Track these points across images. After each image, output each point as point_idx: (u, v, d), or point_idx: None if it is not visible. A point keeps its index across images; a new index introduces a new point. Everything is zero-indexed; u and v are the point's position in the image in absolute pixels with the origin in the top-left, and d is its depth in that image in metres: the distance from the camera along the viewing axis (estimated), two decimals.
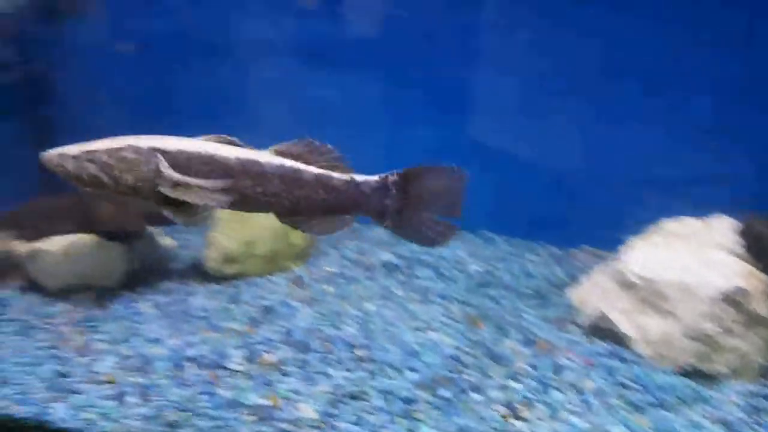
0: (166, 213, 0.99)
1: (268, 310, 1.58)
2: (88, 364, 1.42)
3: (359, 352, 1.39)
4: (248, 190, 0.98)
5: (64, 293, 1.71)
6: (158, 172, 0.95)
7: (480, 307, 1.56)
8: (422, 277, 1.70)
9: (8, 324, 1.61)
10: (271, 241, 1.73)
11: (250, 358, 1.40)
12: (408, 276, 1.71)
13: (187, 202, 0.99)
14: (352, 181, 0.99)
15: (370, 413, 1.22)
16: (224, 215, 1.73)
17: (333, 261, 1.82)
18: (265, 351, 1.42)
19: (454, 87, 1.89)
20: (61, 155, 0.96)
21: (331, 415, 1.22)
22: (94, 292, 1.69)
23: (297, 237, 1.79)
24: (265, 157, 0.99)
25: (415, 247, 1.87)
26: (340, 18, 1.90)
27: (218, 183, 0.96)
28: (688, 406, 1.19)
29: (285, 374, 1.34)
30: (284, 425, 1.20)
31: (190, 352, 1.42)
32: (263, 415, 1.24)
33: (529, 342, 1.40)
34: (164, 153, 0.96)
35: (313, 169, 0.99)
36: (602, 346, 1.39)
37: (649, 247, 1.36)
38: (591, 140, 1.77)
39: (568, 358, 1.34)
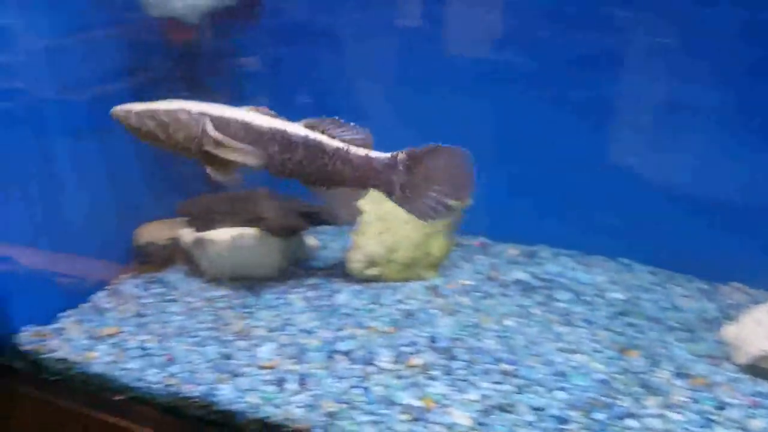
0: (209, 170, 1.17)
1: (408, 314, 1.65)
2: (248, 349, 1.55)
3: (504, 366, 1.41)
4: (276, 156, 1.12)
5: (220, 279, 1.87)
6: (204, 132, 1.12)
7: (626, 335, 1.54)
8: (561, 300, 1.69)
9: (173, 304, 1.78)
10: (411, 249, 1.79)
11: (397, 359, 1.47)
12: (546, 297, 1.71)
13: (226, 164, 1.16)
14: (366, 157, 1.12)
15: (522, 427, 1.25)
16: (368, 219, 1.83)
17: (467, 274, 1.85)
18: (410, 353, 1.48)
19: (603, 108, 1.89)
20: (127, 111, 1.16)
21: (483, 425, 1.25)
22: (249, 281, 1.85)
23: (435, 248, 1.84)
24: (294, 128, 1.15)
25: (552, 268, 1.90)
26: None
27: (250, 147, 1.13)
28: None
29: (432, 378, 1.40)
30: (439, 428, 1.25)
31: (341, 346, 1.52)
32: (417, 415, 1.29)
33: (683, 375, 1.36)
34: (210, 117, 1.13)
35: (335, 143, 1.11)
36: (766, 386, 1.33)
37: None
38: (749, 170, 1.71)
39: (731, 395, 1.30)
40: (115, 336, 1.63)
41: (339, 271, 1.92)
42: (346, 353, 1.49)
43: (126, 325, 1.68)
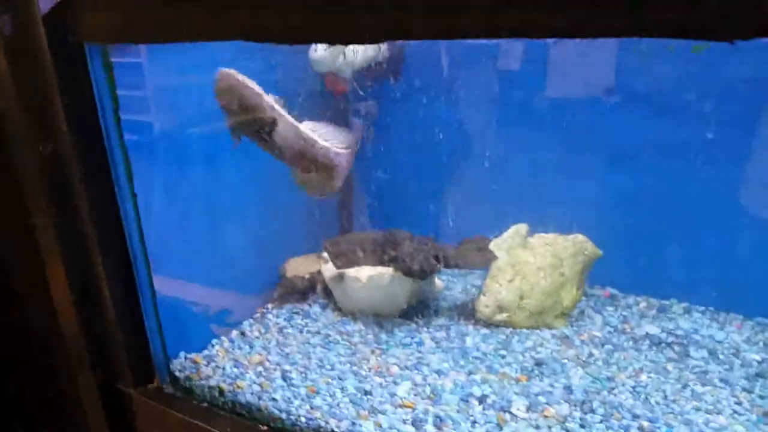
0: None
1: (539, 363, 1.69)
2: (386, 386, 1.65)
3: (643, 423, 1.42)
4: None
5: (354, 314, 2.01)
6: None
7: (766, 398, 1.50)
8: (695, 358, 1.67)
9: (314, 336, 1.94)
10: (542, 298, 1.84)
11: (532, 407, 1.51)
12: (679, 354, 1.70)
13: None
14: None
15: None
16: (501, 266, 1.90)
17: (597, 326, 1.87)
18: (545, 403, 1.53)
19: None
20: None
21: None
22: (380, 317, 1.98)
23: (565, 297, 1.88)
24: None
25: (684, 324, 1.88)
26: None
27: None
28: None
29: (568, 430, 1.44)
30: None
31: (475, 391, 1.59)
32: None
33: None
34: None
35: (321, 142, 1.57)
36: None
37: None
38: None
39: None
40: (261, 364, 1.78)
41: (465, 312, 2.01)
42: (480, 398, 1.56)
43: (271, 354, 1.84)
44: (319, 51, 1.90)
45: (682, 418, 1.43)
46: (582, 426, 1.44)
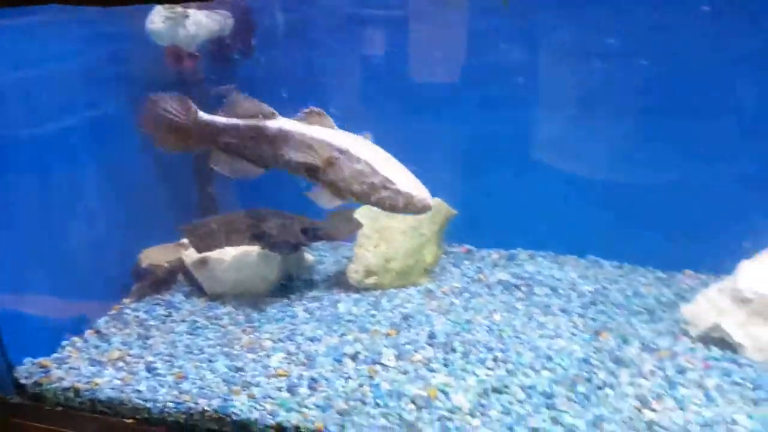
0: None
1: (406, 317, 1.79)
2: (259, 360, 1.66)
3: (497, 354, 1.57)
4: None
5: (223, 297, 1.98)
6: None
7: (598, 320, 1.73)
8: (540, 295, 1.88)
9: (180, 324, 1.88)
10: (405, 258, 1.96)
11: (400, 356, 1.61)
12: (526, 294, 1.89)
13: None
14: None
15: (516, 405, 1.40)
16: (366, 233, 1.98)
17: (456, 278, 2.03)
18: (413, 350, 1.63)
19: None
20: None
21: (482, 405, 1.41)
22: (251, 297, 1.97)
23: (427, 255, 2.01)
24: None
25: (529, 267, 2.11)
26: None
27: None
28: None
29: (433, 370, 1.54)
30: (443, 413, 1.40)
31: (348, 350, 1.65)
32: (423, 404, 1.44)
33: (649, 349, 1.56)
34: None
35: None
36: (717, 353, 1.55)
37: (763, 267, 1.53)
38: (696, 170, 1.94)
39: (688, 362, 1.50)
40: (121, 359, 1.70)
41: (337, 282, 2.07)
42: (353, 356, 1.63)
43: (132, 348, 1.76)
44: (156, 22, 1.82)
45: (530, 346, 1.61)
46: (445, 365, 1.56)
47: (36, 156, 1.79)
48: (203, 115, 1.39)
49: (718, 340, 1.57)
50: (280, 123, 1.36)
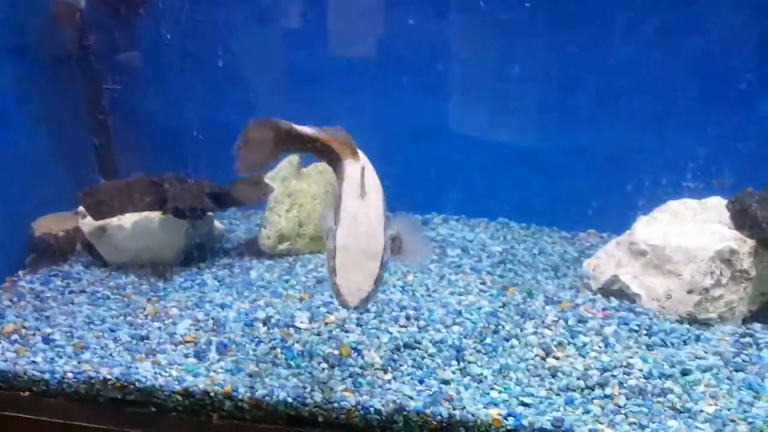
0: None
1: (320, 281, 1.78)
2: (164, 328, 1.60)
3: (410, 312, 1.59)
4: None
5: (126, 267, 1.88)
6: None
7: (506, 277, 1.80)
8: (451, 256, 1.93)
9: (79, 295, 1.77)
10: (318, 223, 1.93)
11: (314, 318, 1.60)
12: (439, 255, 1.94)
13: None
14: None
15: (427, 358, 1.43)
16: (278, 197, 1.94)
17: None
18: (327, 312, 1.62)
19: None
20: None
21: (394, 360, 1.42)
22: (156, 266, 1.87)
23: None
24: None
25: (442, 230, 2.16)
26: None
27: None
28: (690, 344, 1.45)
29: (347, 331, 1.54)
30: (355, 369, 1.40)
31: (260, 314, 1.61)
32: (335, 362, 1.43)
33: (553, 302, 1.63)
34: None
35: None
36: (615, 303, 1.64)
37: (657, 222, 1.63)
38: (593, 133, 2.05)
39: (588, 312, 1.58)
40: (16, 332, 1.58)
41: (249, 250, 2.02)
42: (265, 321, 1.59)
43: (27, 320, 1.64)
44: None
45: (441, 303, 1.64)
46: (358, 324, 1.56)
47: None
48: (298, 128, 1.36)
49: (616, 292, 1.67)
50: (349, 167, 1.32)
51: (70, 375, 1.42)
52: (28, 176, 1.91)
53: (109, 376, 1.41)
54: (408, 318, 1.58)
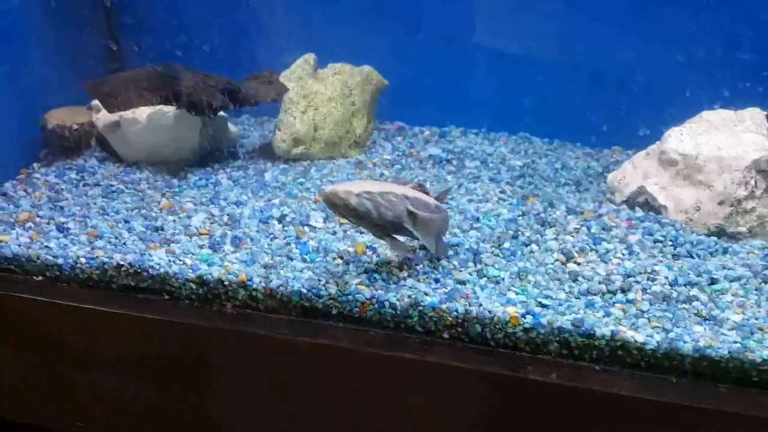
0: (391, 245, 1.31)
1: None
2: (179, 221, 1.59)
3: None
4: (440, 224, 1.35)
5: (140, 163, 1.86)
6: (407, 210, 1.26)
7: (526, 188, 1.75)
8: (470, 167, 1.87)
9: (93, 188, 1.76)
10: (335, 128, 1.88)
11: (329, 219, 1.57)
12: (457, 167, 1.88)
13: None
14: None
15: (443, 260, 1.40)
16: (293, 98, 1.87)
17: (387, 152, 1.99)
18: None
19: None
20: (347, 192, 1.19)
21: (409, 259, 1.40)
22: (169, 164, 1.85)
23: (357, 126, 1.95)
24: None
25: (460, 143, 2.09)
26: None
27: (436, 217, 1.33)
28: (717, 256, 1.41)
29: (362, 232, 1.51)
30: (370, 266, 1.39)
31: (274, 212, 1.59)
32: (350, 258, 1.42)
33: (575, 212, 1.59)
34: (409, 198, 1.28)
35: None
36: (641, 214, 1.59)
37: (689, 132, 1.55)
38: (625, 46, 1.93)
39: (612, 221, 1.53)
40: (30, 221, 1.59)
41: (263, 154, 1.98)
42: (280, 218, 1.57)
43: (42, 210, 1.64)
44: None
45: (458, 209, 1.61)
46: None
47: None
48: None
49: (642, 204, 1.62)
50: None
51: (83, 261, 1.43)
52: (40, 71, 1.87)
53: (122, 263, 1.41)
54: None
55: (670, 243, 1.44)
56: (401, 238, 1.33)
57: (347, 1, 2.04)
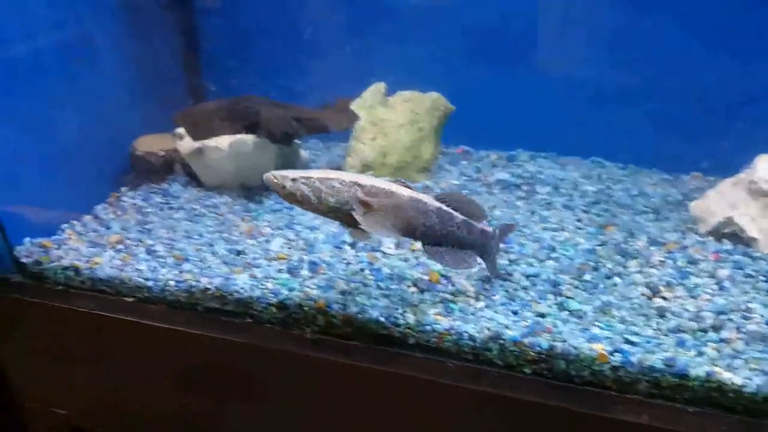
0: (350, 231, 1.33)
1: None
2: (258, 245, 1.64)
3: (499, 245, 1.55)
4: (413, 220, 1.30)
5: (220, 188, 1.93)
6: (354, 198, 1.26)
7: (602, 216, 1.71)
8: (541, 193, 1.85)
9: (177, 211, 1.84)
10: (403, 154, 1.90)
11: (401, 245, 1.59)
12: (527, 192, 1.86)
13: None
14: (485, 230, 1.38)
15: (520, 291, 1.39)
16: (363, 125, 1.92)
17: (454, 177, 1.99)
18: (412, 241, 1.59)
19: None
20: (282, 177, 1.25)
21: (485, 290, 1.40)
22: (248, 188, 1.92)
23: (424, 152, 1.96)
24: (428, 199, 1.34)
25: (530, 168, 2.06)
26: None
27: (385, 203, 1.28)
28: None
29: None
30: (446, 295, 1.39)
31: (347, 238, 1.62)
32: (425, 287, 1.43)
33: (657, 243, 1.54)
34: (361, 186, 1.27)
35: (460, 215, 1.35)
36: (728, 246, 1.53)
37: None
38: (699, 70, 1.86)
39: (698, 254, 1.48)
40: (120, 243, 1.67)
41: None
42: (352, 244, 1.60)
43: (131, 232, 1.73)
44: None
45: (533, 237, 1.59)
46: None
47: (31, 49, 1.69)
48: None
49: (729, 235, 1.55)
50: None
51: (172, 283, 1.49)
52: (130, 100, 1.98)
53: (209, 286, 1.48)
54: (500, 251, 1.56)
55: (763, 278, 1.38)
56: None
57: (414, 27, 2.06)
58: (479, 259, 1.39)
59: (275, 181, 1.25)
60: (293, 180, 1.26)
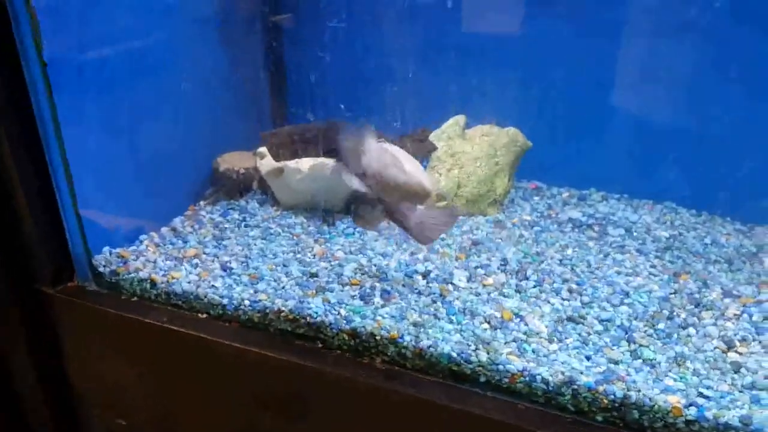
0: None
1: (476, 243, 1.79)
2: (332, 268, 1.69)
3: (572, 286, 1.56)
4: None
5: (295, 209, 2.00)
6: None
7: (676, 264, 1.69)
8: (613, 235, 1.84)
9: (253, 229, 1.91)
10: (477, 186, 1.93)
11: (472, 278, 1.61)
12: (599, 233, 1.85)
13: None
14: None
15: (593, 335, 1.39)
16: (439, 155, 1.96)
17: (526, 212, 2.01)
18: (484, 274, 1.63)
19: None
20: None
21: (559, 332, 1.41)
22: (323, 211, 1.98)
23: (499, 186, 1.98)
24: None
25: (602, 209, 2.06)
26: None
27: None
28: None
29: (506, 295, 1.54)
30: (519, 335, 1.40)
31: (419, 267, 1.66)
32: (497, 324, 1.44)
33: (731, 295, 1.52)
34: None
35: None
36: None
37: None
38: None
39: None
40: (197, 257, 1.75)
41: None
42: (424, 274, 1.64)
43: (207, 247, 1.80)
44: None
45: (606, 281, 1.59)
46: (517, 291, 1.56)
47: (119, 66, 1.77)
48: None
49: None
50: None
51: (246, 303, 1.55)
52: (215, 116, 2.07)
53: (283, 308, 1.53)
54: (570, 291, 1.55)
55: None
56: None
57: (493, 66, 2.10)
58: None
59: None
60: None
